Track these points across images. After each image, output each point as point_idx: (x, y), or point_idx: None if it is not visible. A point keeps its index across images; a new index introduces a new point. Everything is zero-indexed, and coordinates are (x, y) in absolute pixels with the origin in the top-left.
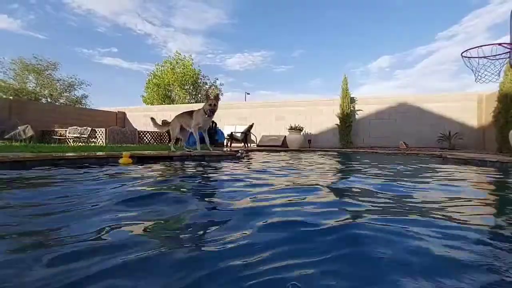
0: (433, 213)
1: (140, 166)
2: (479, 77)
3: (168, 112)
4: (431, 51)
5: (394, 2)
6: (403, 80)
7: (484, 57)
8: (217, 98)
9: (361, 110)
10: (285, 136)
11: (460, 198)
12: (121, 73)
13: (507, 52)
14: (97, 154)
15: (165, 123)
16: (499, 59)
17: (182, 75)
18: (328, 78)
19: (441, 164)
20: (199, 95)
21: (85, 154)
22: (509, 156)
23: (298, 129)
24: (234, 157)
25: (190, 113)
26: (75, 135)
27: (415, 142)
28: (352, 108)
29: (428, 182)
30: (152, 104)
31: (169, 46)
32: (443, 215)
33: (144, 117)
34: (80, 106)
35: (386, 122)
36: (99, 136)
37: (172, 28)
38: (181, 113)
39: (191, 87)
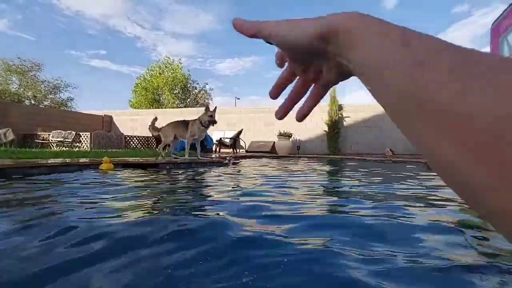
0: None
1: (121, 174)
2: None
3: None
4: None
5: (383, 11)
6: None
7: None
8: (215, 110)
9: (348, 117)
10: (274, 142)
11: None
12: (110, 75)
13: None
14: (80, 161)
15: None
16: None
17: (171, 79)
18: None
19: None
20: (188, 100)
21: (68, 161)
22: None
23: (287, 135)
24: (221, 164)
25: (185, 124)
26: (58, 139)
27: (402, 149)
28: (340, 115)
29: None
30: (139, 108)
31: (159, 50)
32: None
33: (131, 121)
34: (65, 109)
35: (373, 129)
36: (84, 141)
37: (162, 31)
38: (175, 122)
39: (180, 92)
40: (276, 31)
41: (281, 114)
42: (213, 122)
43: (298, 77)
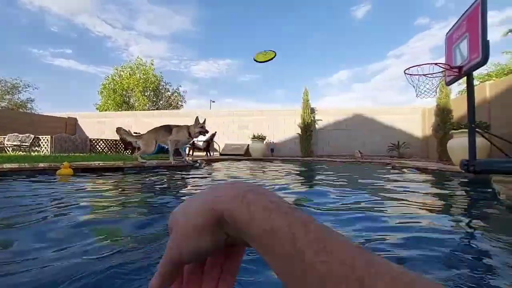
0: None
1: (80, 180)
2: (419, 93)
3: (126, 119)
4: (384, 67)
5: (353, 19)
6: (360, 93)
7: (423, 74)
8: (204, 122)
9: (320, 120)
10: (248, 145)
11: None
12: (76, 76)
13: (442, 71)
14: (37, 165)
15: (120, 130)
16: (436, 77)
17: (143, 80)
18: (292, 89)
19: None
20: (161, 102)
21: (25, 165)
22: (447, 165)
23: (261, 138)
24: (192, 167)
25: (168, 129)
26: (15, 143)
27: (369, 151)
28: (312, 119)
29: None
30: (106, 111)
31: (130, 50)
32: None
33: (98, 123)
34: (25, 110)
35: (343, 132)
36: (44, 145)
37: (134, 31)
38: (157, 128)
39: (152, 94)
40: (187, 252)
41: None
42: (205, 132)
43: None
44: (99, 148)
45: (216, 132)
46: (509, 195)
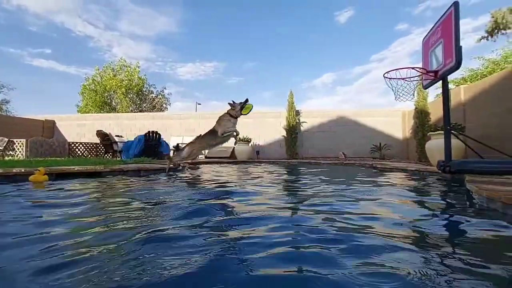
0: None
1: (52, 186)
2: (398, 96)
3: (108, 121)
4: (366, 71)
5: (337, 24)
6: (344, 96)
7: (402, 78)
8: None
9: (305, 122)
10: (234, 148)
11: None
12: (56, 76)
13: (419, 75)
14: (8, 170)
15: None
16: (413, 80)
17: (127, 81)
18: (278, 92)
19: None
20: (144, 104)
21: None
22: (425, 165)
23: (246, 141)
24: (175, 170)
25: (211, 131)
26: None
27: (352, 153)
28: (297, 121)
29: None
30: (87, 113)
31: (114, 51)
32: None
33: (78, 126)
34: (0, 112)
35: (328, 134)
36: (18, 148)
37: (117, 32)
38: (199, 138)
39: (135, 96)
40: None
41: None
42: (245, 103)
43: None
44: (79, 152)
45: (201, 135)
46: (480, 194)
